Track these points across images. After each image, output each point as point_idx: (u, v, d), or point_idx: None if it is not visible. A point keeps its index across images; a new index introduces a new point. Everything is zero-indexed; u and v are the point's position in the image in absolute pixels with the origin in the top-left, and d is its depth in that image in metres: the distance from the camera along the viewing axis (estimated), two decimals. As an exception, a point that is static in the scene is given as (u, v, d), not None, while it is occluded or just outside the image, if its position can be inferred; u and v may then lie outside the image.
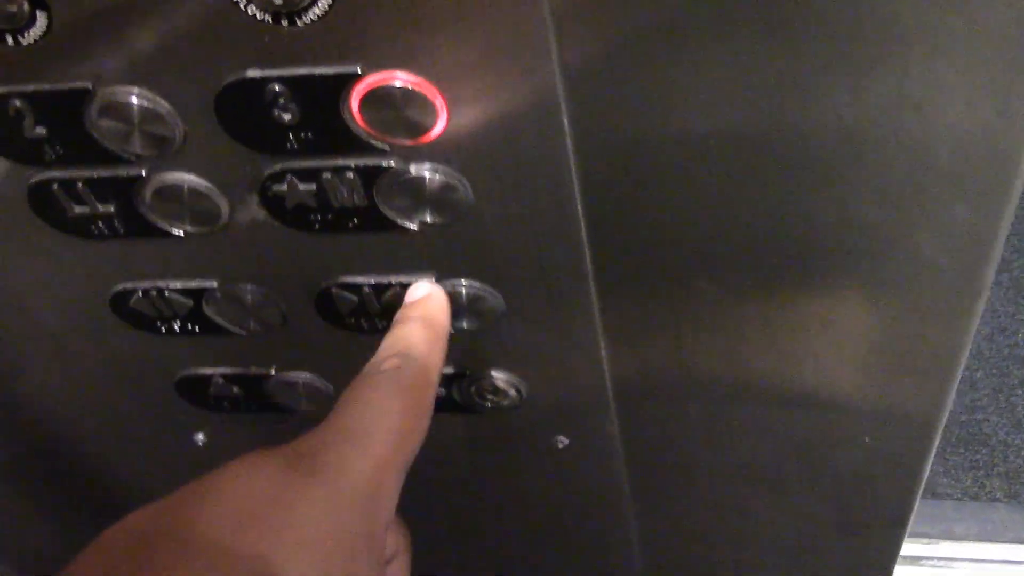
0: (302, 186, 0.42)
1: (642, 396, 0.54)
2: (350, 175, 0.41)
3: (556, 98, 0.38)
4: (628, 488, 0.60)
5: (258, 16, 0.35)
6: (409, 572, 0.37)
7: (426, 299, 0.43)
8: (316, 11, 0.35)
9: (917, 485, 0.57)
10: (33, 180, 0.43)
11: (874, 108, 0.37)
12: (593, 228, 0.44)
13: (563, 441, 0.57)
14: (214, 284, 0.48)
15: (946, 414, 0.50)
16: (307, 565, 0.29)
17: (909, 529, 0.62)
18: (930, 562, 1.28)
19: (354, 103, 0.38)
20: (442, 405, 0.54)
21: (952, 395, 0.49)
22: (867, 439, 0.53)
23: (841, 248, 0.43)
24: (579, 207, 0.43)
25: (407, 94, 0.37)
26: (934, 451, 0.55)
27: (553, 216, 0.43)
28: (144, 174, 0.42)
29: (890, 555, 0.65)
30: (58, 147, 0.41)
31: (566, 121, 0.39)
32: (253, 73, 0.37)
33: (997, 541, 1.32)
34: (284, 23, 0.35)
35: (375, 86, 0.37)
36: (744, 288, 0.47)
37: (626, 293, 0.48)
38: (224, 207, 0.43)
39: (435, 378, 0.39)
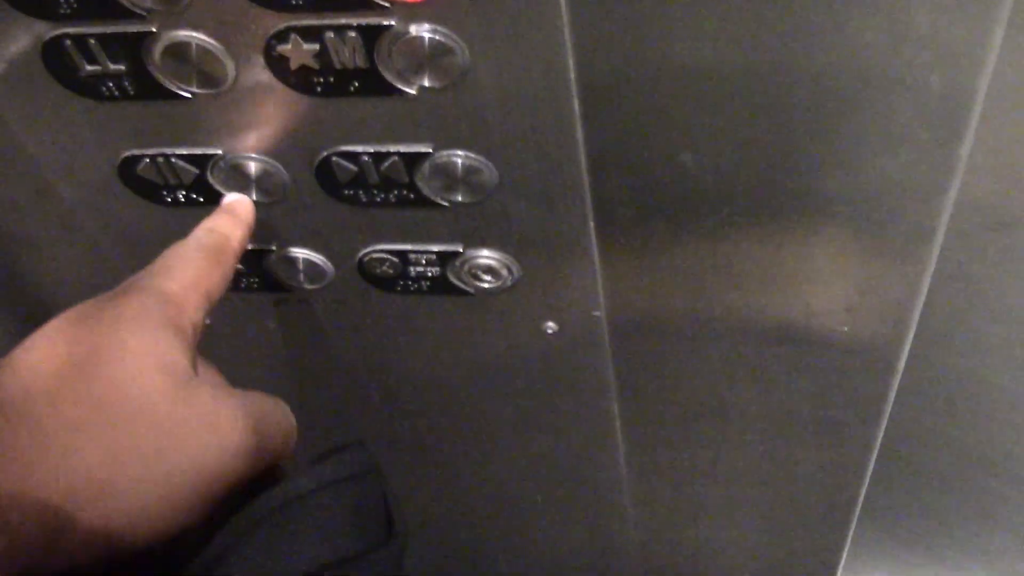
0: (306, 46, 0.43)
1: (629, 285, 0.56)
2: (352, 34, 0.43)
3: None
4: (613, 377, 0.62)
5: None
6: (246, 412, 0.40)
7: (233, 200, 0.52)
8: None
9: (891, 383, 0.59)
10: (48, 36, 0.44)
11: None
12: (587, 103, 0.46)
13: (552, 327, 0.58)
14: (219, 151, 0.50)
15: (922, 299, 0.52)
16: (129, 334, 0.37)
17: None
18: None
19: (356, -47, 0.39)
20: (438, 287, 0.56)
21: (927, 278, 0.51)
22: (845, 328, 0.55)
23: (816, 120, 0.44)
24: (573, 79, 0.44)
25: (407, -55, 0.39)
26: (907, 349, 0.57)
27: (547, 87, 0.45)
28: (154, 30, 0.44)
29: (864, 458, 0.67)
30: None
31: (561, -14, 0.41)
32: (258, -80, 0.39)
33: None
34: None
35: (377, -64, 0.39)
36: (729, 172, 0.48)
37: (619, 177, 0.50)
38: (231, 68, 0.45)
39: (235, 246, 0.48)
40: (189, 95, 0.47)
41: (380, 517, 0.42)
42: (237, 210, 0.50)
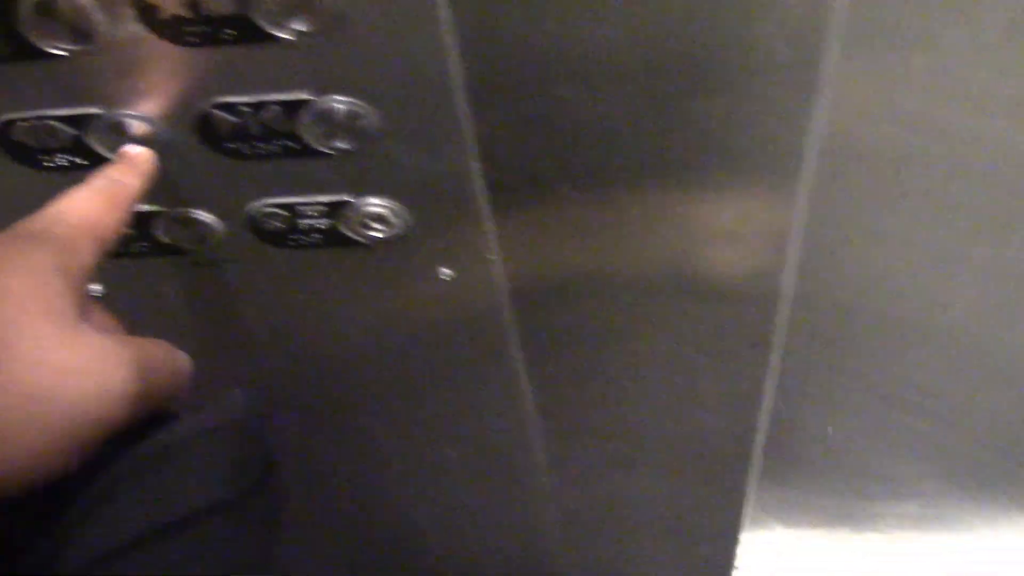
0: (175, -7, 0.43)
1: (522, 229, 0.57)
2: (219, -21, 0.43)
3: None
4: (515, 323, 0.63)
5: None
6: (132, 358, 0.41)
7: (132, 150, 0.51)
8: None
9: (777, 306, 0.61)
10: (-89, -1, 0.44)
11: None
12: (463, 39, 0.46)
13: (447, 273, 0.59)
14: (97, 111, 0.49)
15: (799, 221, 0.54)
16: (13, 278, 0.38)
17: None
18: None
19: None
20: (330, 239, 0.57)
21: (802, 200, 0.53)
22: (729, 255, 0.57)
23: (681, 45, 0.46)
24: (447, 17, 0.45)
25: None
26: (791, 271, 0.59)
27: (421, 25, 0.45)
28: (21, -14, 0.43)
29: (757, 388, 0.69)
30: (-68, -43, 0.42)
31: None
32: None
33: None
34: None
35: None
36: (605, 104, 0.50)
37: (501, 115, 0.50)
38: (101, 21, 0.45)
39: (131, 192, 0.48)
40: (63, 53, 0.46)
41: (259, 464, 0.43)
42: (135, 159, 0.50)
